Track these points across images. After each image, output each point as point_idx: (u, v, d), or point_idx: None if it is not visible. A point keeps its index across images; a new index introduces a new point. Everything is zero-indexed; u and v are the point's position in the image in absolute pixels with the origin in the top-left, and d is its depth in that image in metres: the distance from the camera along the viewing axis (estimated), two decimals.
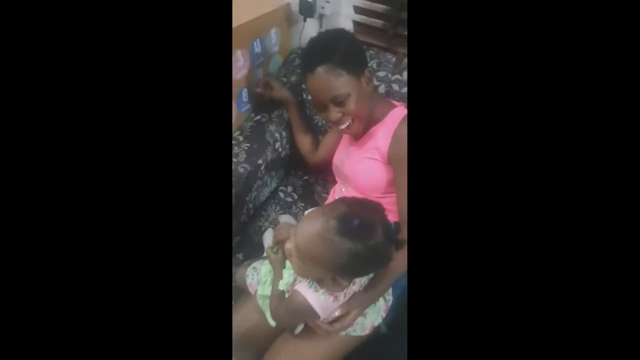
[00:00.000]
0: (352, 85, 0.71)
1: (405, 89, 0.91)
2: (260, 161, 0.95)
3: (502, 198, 0.35)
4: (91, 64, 0.36)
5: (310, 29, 1.06)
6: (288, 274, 0.65)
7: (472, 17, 0.36)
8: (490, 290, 0.36)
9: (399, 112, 0.77)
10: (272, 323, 0.70)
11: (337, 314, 0.62)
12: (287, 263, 0.66)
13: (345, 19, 1.02)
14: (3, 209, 0.35)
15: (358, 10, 0.99)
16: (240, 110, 1.00)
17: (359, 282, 0.63)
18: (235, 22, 0.87)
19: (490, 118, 0.36)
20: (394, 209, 0.78)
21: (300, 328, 0.68)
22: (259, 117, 1.01)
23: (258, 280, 0.75)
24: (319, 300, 0.59)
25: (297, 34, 1.07)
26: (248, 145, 0.95)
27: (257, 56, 0.98)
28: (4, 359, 0.34)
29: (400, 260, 0.68)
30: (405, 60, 0.91)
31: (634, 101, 0.33)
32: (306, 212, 0.60)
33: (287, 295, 0.64)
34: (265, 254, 0.74)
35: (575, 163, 0.34)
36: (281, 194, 1.08)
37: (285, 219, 1.00)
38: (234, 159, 0.91)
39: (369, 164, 0.77)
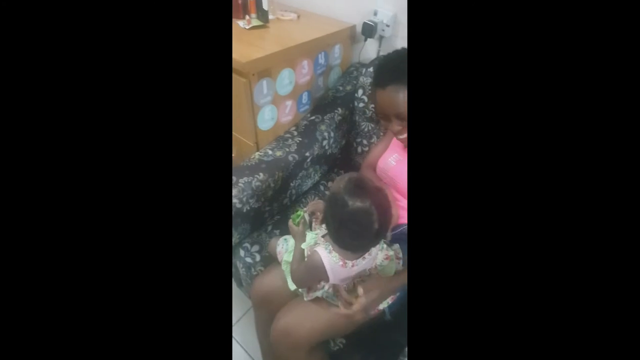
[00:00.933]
0: None
1: None
2: (307, 154, 1.10)
3: (504, 199, 0.36)
4: (89, 50, 0.35)
5: (369, 48, 1.21)
6: (310, 237, 0.78)
7: (472, 18, 0.36)
8: (491, 288, 0.36)
9: None
10: (292, 287, 0.82)
11: (346, 293, 0.73)
12: (311, 231, 0.79)
13: (402, 41, 1.15)
14: (3, 209, 0.34)
15: None
16: (299, 109, 1.17)
17: (368, 258, 0.73)
18: (306, 38, 1.04)
19: (491, 122, 0.36)
20: None
21: (311, 296, 0.79)
22: (313, 117, 1.17)
23: (286, 249, 0.89)
24: (330, 261, 0.70)
25: (357, 51, 1.22)
26: (300, 139, 1.11)
27: (320, 66, 1.14)
28: (4, 359, 0.34)
29: None
30: None
31: (634, 101, 0.32)
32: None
33: (307, 255, 0.77)
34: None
35: (575, 160, 0.34)
36: (322, 187, 1.22)
37: None
38: (285, 149, 1.08)
39: None
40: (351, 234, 0.66)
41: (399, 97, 0.78)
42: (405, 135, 0.84)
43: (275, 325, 0.81)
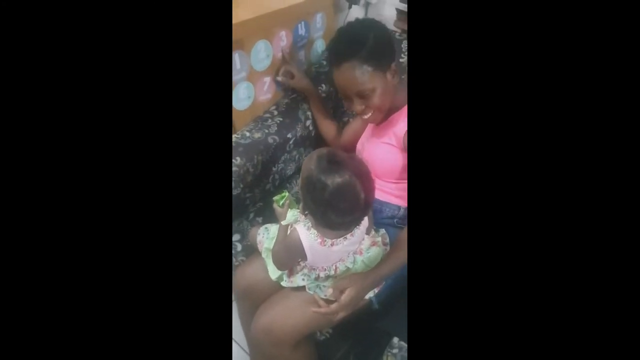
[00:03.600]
0: (377, 80, 0.73)
1: None
2: (289, 135, 1.02)
3: (501, 193, 0.36)
4: (89, 56, 0.36)
5: (355, 17, 1.10)
6: (291, 214, 0.73)
7: (474, 16, 0.36)
8: (491, 283, 0.36)
9: None
10: (273, 276, 0.77)
11: (330, 292, 0.69)
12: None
13: (390, 7, 1.04)
14: (3, 209, 0.35)
15: None
16: (278, 87, 1.07)
17: (350, 240, 0.68)
18: (282, 5, 0.94)
19: (491, 116, 0.36)
20: (406, 195, 0.80)
21: (292, 281, 0.74)
22: (295, 95, 1.08)
23: (267, 237, 0.82)
24: (308, 238, 0.66)
25: (342, 20, 1.12)
26: (280, 119, 1.02)
27: (300, 38, 1.04)
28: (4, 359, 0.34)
29: (401, 252, 0.71)
30: None
31: (634, 101, 0.33)
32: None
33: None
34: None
35: (574, 159, 0.34)
36: None
37: None
38: (265, 130, 0.99)
39: (385, 149, 0.80)
40: (340, 213, 0.62)
41: (356, 73, 0.72)
42: (369, 115, 0.78)
43: (256, 322, 0.77)
